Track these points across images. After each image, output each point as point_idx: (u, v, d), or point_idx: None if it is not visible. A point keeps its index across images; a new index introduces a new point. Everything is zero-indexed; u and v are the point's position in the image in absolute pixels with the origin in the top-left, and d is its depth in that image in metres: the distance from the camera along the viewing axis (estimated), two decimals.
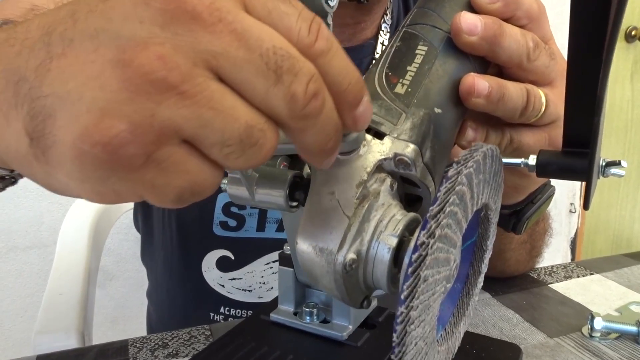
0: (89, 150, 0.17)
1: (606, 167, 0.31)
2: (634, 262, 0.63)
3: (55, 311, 0.64)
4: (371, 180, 0.27)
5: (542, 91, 0.34)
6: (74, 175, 0.18)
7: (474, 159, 0.25)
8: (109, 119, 0.17)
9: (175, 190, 0.18)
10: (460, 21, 0.31)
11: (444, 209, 0.23)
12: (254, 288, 0.64)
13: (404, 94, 0.30)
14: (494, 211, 0.32)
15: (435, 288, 0.25)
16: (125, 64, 0.17)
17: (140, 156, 0.17)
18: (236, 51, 0.18)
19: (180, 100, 0.17)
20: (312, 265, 0.26)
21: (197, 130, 0.18)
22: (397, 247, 0.26)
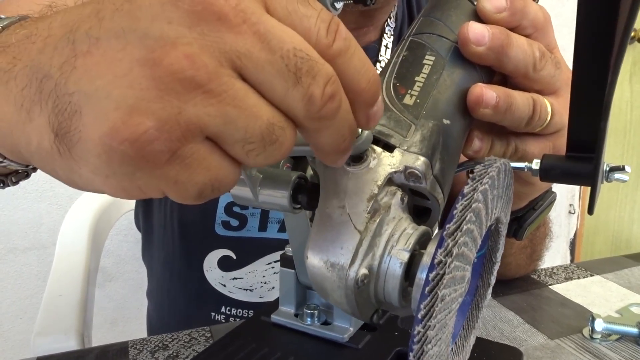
0: (117, 147, 0.18)
1: (610, 172, 0.31)
2: (634, 264, 0.63)
3: (54, 313, 0.63)
4: (382, 194, 0.27)
5: (548, 100, 0.34)
6: (99, 170, 0.18)
7: (488, 175, 0.24)
8: (137, 116, 0.17)
9: (198, 186, 0.19)
10: (467, 31, 0.31)
11: (461, 227, 0.23)
12: (255, 288, 0.63)
13: (412, 105, 0.29)
14: (504, 224, 0.32)
15: (452, 306, 0.25)
16: (154, 62, 0.18)
17: (166, 152, 0.18)
18: (259, 52, 0.18)
19: (206, 98, 0.18)
20: (323, 280, 0.26)
21: (221, 128, 0.18)
22: (409, 262, 0.26)
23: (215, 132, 0.18)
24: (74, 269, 0.73)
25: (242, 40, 0.18)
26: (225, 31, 0.18)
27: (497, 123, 0.33)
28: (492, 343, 0.41)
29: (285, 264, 0.41)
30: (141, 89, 0.17)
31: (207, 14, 0.18)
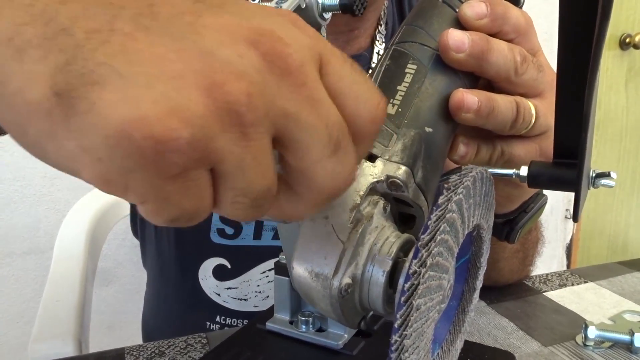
0: (137, 138, 0.16)
1: (596, 178, 0.31)
2: (628, 270, 0.64)
3: (51, 318, 0.64)
4: (364, 204, 0.27)
5: (532, 103, 0.35)
6: (95, 151, 0.17)
7: (463, 184, 0.25)
8: (175, 121, 0.16)
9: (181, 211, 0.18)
10: (447, 39, 0.31)
11: (435, 238, 0.23)
12: (249, 297, 0.64)
13: (394, 115, 0.30)
14: (487, 229, 0.33)
15: (429, 314, 0.25)
16: (214, 83, 0.17)
17: (179, 168, 0.17)
18: (308, 115, 0.19)
19: (239, 138, 0.18)
20: (309, 289, 0.27)
21: (232, 170, 0.18)
22: (392, 269, 0.26)
23: (224, 171, 0.18)
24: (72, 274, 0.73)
25: (295, 100, 0.19)
26: (285, 87, 0.18)
27: (481, 127, 0.33)
28: (486, 347, 0.41)
29: (279, 271, 0.42)
30: (189, 99, 0.17)
31: (276, 65, 0.18)
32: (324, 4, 0.34)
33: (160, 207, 0.18)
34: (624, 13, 1.87)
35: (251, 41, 0.18)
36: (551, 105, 0.31)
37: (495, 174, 0.33)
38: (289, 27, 0.20)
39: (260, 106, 0.18)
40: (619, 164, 2.02)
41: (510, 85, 0.34)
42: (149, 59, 0.17)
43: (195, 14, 0.19)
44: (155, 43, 0.17)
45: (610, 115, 1.95)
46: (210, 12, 0.19)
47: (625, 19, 1.88)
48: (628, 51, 1.90)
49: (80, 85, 0.17)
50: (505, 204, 0.44)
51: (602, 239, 2.08)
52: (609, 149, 1.98)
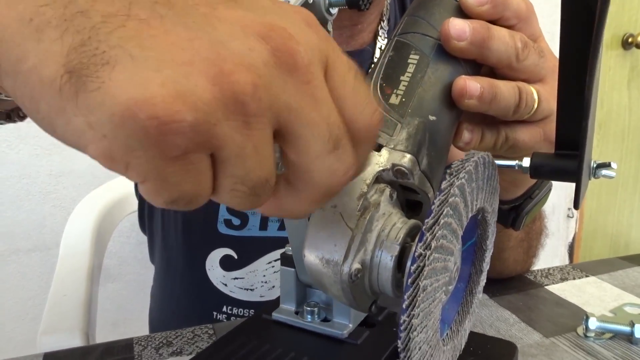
0: (142, 118, 0.17)
1: (597, 169, 0.32)
2: (629, 265, 0.65)
3: (59, 312, 0.65)
4: (371, 192, 0.28)
5: (534, 88, 0.35)
6: (101, 128, 0.17)
7: (465, 169, 0.26)
8: (180, 104, 0.17)
9: (180, 193, 0.19)
10: (448, 28, 0.32)
11: (439, 221, 0.24)
12: (256, 287, 0.64)
13: (398, 104, 0.30)
14: (491, 213, 0.33)
15: (435, 295, 0.26)
16: (222, 72, 0.18)
17: (181, 150, 0.18)
18: (310, 112, 0.20)
19: (242, 127, 0.18)
20: (320, 276, 0.28)
21: (232, 157, 0.19)
22: (400, 254, 0.27)
23: (224, 157, 0.19)
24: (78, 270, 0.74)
25: (299, 96, 0.19)
26: (290, 82, 0.19)
27: (485, 113, 0.34)
28: (488, 337, 0.42)
29: (285, 262, 0.42)
30: (196, 85, 0.17)
31: (284, 61, 0.19)
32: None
33: (159, 186, 0.18)
34: (627, 13, 1.87)
35: (262, 36, 0.19)
36: (553, 90, 0.31)
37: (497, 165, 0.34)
38: (302, 25, 0.20)
39: (265, 98, 0.18)
40: (621, 163, 2.02)
41: (512, 72, 0.35)
42: (161, 45, 0.18)
43: (210, 6, 0.19)
44: (169, 31, 0.18)
45: (613, 114, 1.95)
46: (225, 6, 0.19)
47: (627, 19, 1.88)
48: (630, 51, 1.90)
49: (92, 65, 0.17)
50: (511, 190, 0.44)
51: (604, 238, 2.08)
52: (611, 148, 1.98)
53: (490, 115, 0.35)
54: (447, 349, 0.32)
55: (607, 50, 1.88)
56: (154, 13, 0.18)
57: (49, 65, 0.18)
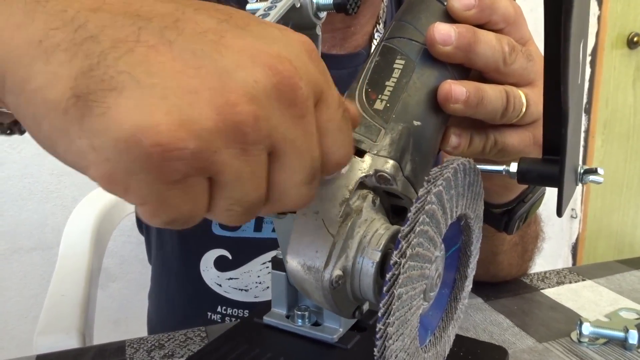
0: (145, 144, 0.17)
1: (584, 174, 0.32)
2: (626, 269, 0.64)
3: (56, 312, 0.65)
4: (354, 198, 0.28)
5: (523, 91, 0.35)
6: (104, 151, 0.18)
7: (443, 176, 0.26)
8: (183, 132, 0.18)
9: (178, 214, 0.19)
10: (434, 32, 0.32)
11: (414, 229, 0.24)
12: (250, 288, 0.65)
13: (382, 110, 0.30)
14: (475, 218, 0.33)
15: (412, 303, 0.26)
16: (226, 103, 0.18)
17: (181, 175, 0.18)
18: (301, 144, 0.21)
19: (240, 154, 0.19)
20: (302, 282, 0.28)
21: (230, 181, 0.19)
22: (382, 260, 0.27)
23: (222, 181, 0.19)
24: (77, 269, 0.74)
25: (294, 128, 0.20)
26: (288, 116, 0.20)
27: (472, 117, 0.34)
28: (478, 342, 0.42)
29: (276, 266, 0.42)
30: (200, 114, 0.18)
31: (286, 96, 0.20)
32: (318, 3, 0.35)
33: (158, 209, 0.19)
34: (632, 12, 1.86)
35: (269, 66, 0.19)
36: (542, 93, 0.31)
37: (485, 170, 0.34)
38: (304, 58, 0.21)
39: (264, 128, 0.19)
40: (626, 162, 2.01)
41: (500, 75, 0.34)
42: (168, 72, 0.18)
43: (219, 34, 0.20)
44: (177, 57, 0.18)
45: (618, 114, 1.94)
46: (233, 34, 0.20)
47: (633, 19, 1.87)
48: (636, 50, 1.89)
49: (99, 90, 0.18)
50: (503, 194, 0.44)
51: (608, 239, 2.07)
52: (616, 147, 1.97)
53: (478, 119, 0.35)
54: (429, 356, 0.31)
55: (612, 50, 1.87)
56: (162, 39, 0.19)
57: (55, 87, 0.18)
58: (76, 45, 0.18)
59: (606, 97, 1.90)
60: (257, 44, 0.20)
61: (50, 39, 0.19)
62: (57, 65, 0.18)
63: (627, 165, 2.01)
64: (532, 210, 0.46)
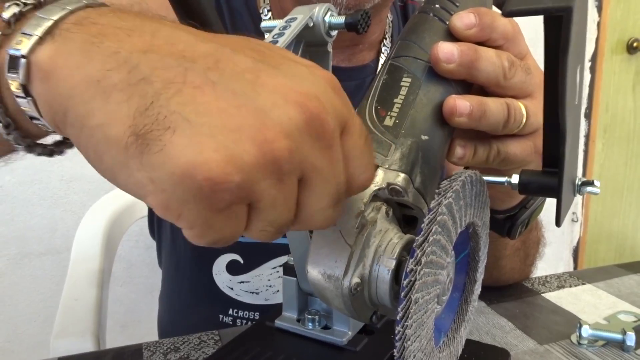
0: (197, 179, 0.19)
1: (581, 186, 0.34)
2: (625, 273, 0.66)
3: (71, 316, 0.67)
4: (368, 210, 0.30)
5: (522, 103, 0.37)
6: (160, 184, 0.20)
7: (452, 189, 0.28)
8: (230, 167, 0.20)
9: (219, 236, 0.22)
10: (437, 51, 0.34)
11: (428, 239, 0.26)
12: (261, 291, 0.67)
13: (392, 126, 0.32)
14: (482, 226, 0.35)
15: (427, 306, 0.28)
16: (265, 140, 0.20)
17: (227, 203, 0.21)
18: (328, 172, 0.23)
19: (275, 184, 0.21)
20: (323, 290, 0.30)
21: (266, 207, 0.22)
22: (396, 268, 0.29)
23: (260, 207, 0.22)
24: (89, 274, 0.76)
25: (322, 158, 0.22)
26: (317, 147, 0.22)
27: (476, 129, 0.35)
28: (482, 344, 0.43)
29: (287, 272, 0.44)
30: (244, 150, 0.20)
31: (315, 129, 0.22)
32: (330, 22, 0.37)
33: (205, 232, 0.21)
34: (631, 17, 1.88)
35: (300, 104, 0.22)
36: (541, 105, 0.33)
37: (489, 181, 0.35)
38: (329, 93, 0.23)
39: (297, 160, 0.21)
40: (626, 166, 2.03)
41: (501, 89, 0.36)
42: (213, 111, 0.20)
43: (255, 73, 0.22)
44: (220, 97, 0.21)
45: (618, 118, 1.96)
46: (268, 73, 0.22)
47: (632, 24, 1.88)
48: (635, 55, 1.91)
49: (156, 129, 0.20)
50: (506, 200, 0.46)
51: (609, 242, 2.08)
52: (616, 151, 1.99)
53: (482, 130, 0.36)
54: (443, 356, 0.33)
55: (612, 55, 1.88)
56: (206, 80, 0.21)
57: (116, 125, 0.20)
58: (131, 86, 0.20)
59: (606, 101, 1.91)
60: (288, 83, 0.22)
61: (107, 79, 0.21)
62: (115, 104, 0.20)
63: (628, 169, 2.03)
64: (533, 216, 0.48)
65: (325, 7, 0.37)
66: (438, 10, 0.37)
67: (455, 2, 0.38)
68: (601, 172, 1.96)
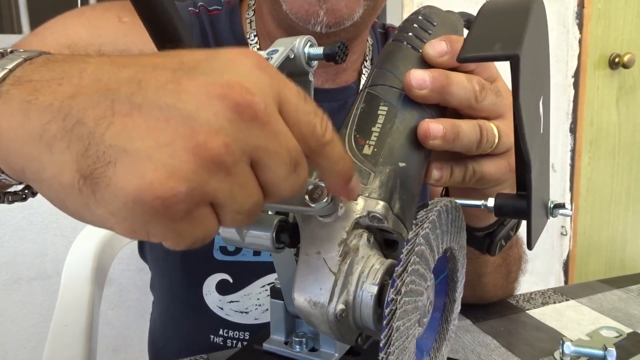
0: (148, 201, 0.21)
1: (554, 209, 0.35)
2: (608, 288, 0.67)
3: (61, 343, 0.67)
4: (350, 237, 0.31)
5: (494, 124, 0.39)
6: (119, 214, 0.21)
7: (429, 219, 0.29)
8: (173, 181, 0.21)
9: (194, 238, 0.23)
10: (410, 78, 0.35)
11: (407, 269, 0.27)
12: (250, 310, 0.67)
13: (371, 155, 0.34)
14: (459, 249, 0.36)
15: (409, 332, 0.29)
16: (198, 144, 0.21)
17: (185, 212, 0.22)
18: (273, 146, 0.23)
19: (226, 177, 0.22)
20: (310, 316, 0.31)
21: (226, 200, 0.23)
22: (379, 292, 0.30)
23: (220, 202, 0.23)
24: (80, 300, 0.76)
25: (264, 136, 0.23)
26: (254, 129, 0.23)
27: (451, 150, 0.37)
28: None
29: (274, 295, 0.45)
30: (181, 161, 0.21)
31: (245, 114, 0.23)
32: (310, 53, 0.39)
33: (177, 240, 0.23)
34: (612, 34, 1.92)
35: (222, 96, 0.22)
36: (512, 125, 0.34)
37: (465, 205, 0.37)
38: (254, 72, 0.24)
39: (237, 150, 0.22)
40: (613, 179, 2.06)
41: (473, 111, 0.38)
42: (144, 133, 0.21)
43: (176, 82, 0.23)
44: (148, 117, 0.22)
45: (603, 132, 1.99)
46: (188, 77, 0.23)
47: (613, 40, 1.93)
48: (618, 70, 1.95)
49: (99, 167, 0.21)
50: (484, 218, 0.47)
51: (599, 255, 2.10)
52: (602, 165, 2.02)
53: (456, 152, 0.38)
54: None
55: (595, 71, 1.92)
56: (132, 105, 0.22)
57: (65, 173, 0.22)
58: (68, 132, 0.22)
59: (591, 116, 1.95)
60: (208, 80, 0.23)
61: (47, 132, 0.22)
62: (59, 154, 0.22)
63: (614, 182, 2.06)
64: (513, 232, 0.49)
65: (305, 39, 0.39)
66: (411, 38, 0.39)
67: (427, 30, 0.40)
68: (588, 186, 1.99)
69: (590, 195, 2.00)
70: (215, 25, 0.66)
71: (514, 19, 0.29)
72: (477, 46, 0.28)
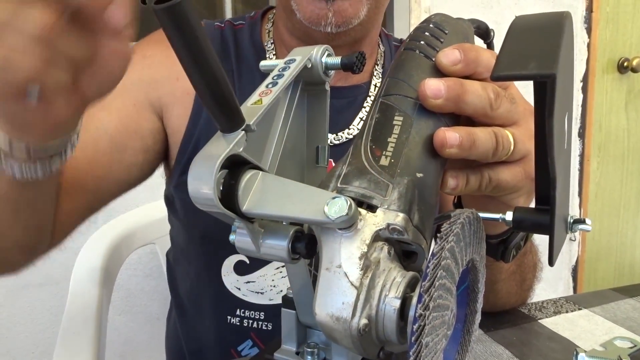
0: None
1: (574, 224, 0.34)
2: (621, 297, 0.66)
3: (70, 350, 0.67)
4: (371, 250, 0.30)
5: (509, 131, 0.38)
6: None
7: (453, 232, 0.28)
8: None
9: None
10: (425, 88, 0.35)
11: (434, 284, 0.27)
12: (265, 291, 0.70)
13: (388, 166, 0.33)
14: (480, 259, 0.36)
15: (437, 347, 0.29)
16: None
17: None
18: None
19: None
20: (332, 331, 0.30)
21: None
22: (402, 305, 0.30)
23: None
24: (88, 306, 0.76)
25: None
26: None
27: (467, 158, 0.36)
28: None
29: (286, 304, 0.45)
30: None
31: None
32: (327, 63, 0.38)
33: None
34: (620, 38, 1.91)
35: None
36: (527, 132, 0.33)
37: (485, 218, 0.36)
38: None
39: None
40: (622, 185, 2.04)
41: (488, 119, 0.38)
42: None
43: None
44: None
45: (612, 137, 1.98)
46: None
47: (622, 44, 1.92)
48: (627, 74, 1.94)
49: None
50: (498, 225, 0.47)
51: (608, 261, 2.09)
52: (611, 170, 2.00)
53: (472, 159, 0.37)
54: None
55: (604, 75, 1.91)
56: None
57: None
58: None
59: (600, 120, 1.94)
60: None
61: None
62: None
63: (624, 187, 2.04)
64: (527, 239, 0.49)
65: (322, 48, 0.39)
66: (424, 47, 0.38)
67: (439, 38, 0.39)
68: (597, 191, 1.98)
69: (599, 201, 1.99)
70: (238, 37, 0.72)
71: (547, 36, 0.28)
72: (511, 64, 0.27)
